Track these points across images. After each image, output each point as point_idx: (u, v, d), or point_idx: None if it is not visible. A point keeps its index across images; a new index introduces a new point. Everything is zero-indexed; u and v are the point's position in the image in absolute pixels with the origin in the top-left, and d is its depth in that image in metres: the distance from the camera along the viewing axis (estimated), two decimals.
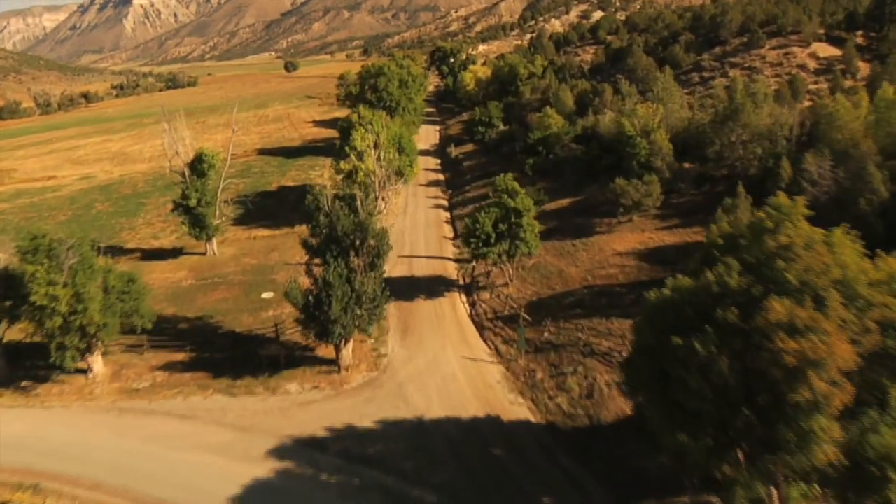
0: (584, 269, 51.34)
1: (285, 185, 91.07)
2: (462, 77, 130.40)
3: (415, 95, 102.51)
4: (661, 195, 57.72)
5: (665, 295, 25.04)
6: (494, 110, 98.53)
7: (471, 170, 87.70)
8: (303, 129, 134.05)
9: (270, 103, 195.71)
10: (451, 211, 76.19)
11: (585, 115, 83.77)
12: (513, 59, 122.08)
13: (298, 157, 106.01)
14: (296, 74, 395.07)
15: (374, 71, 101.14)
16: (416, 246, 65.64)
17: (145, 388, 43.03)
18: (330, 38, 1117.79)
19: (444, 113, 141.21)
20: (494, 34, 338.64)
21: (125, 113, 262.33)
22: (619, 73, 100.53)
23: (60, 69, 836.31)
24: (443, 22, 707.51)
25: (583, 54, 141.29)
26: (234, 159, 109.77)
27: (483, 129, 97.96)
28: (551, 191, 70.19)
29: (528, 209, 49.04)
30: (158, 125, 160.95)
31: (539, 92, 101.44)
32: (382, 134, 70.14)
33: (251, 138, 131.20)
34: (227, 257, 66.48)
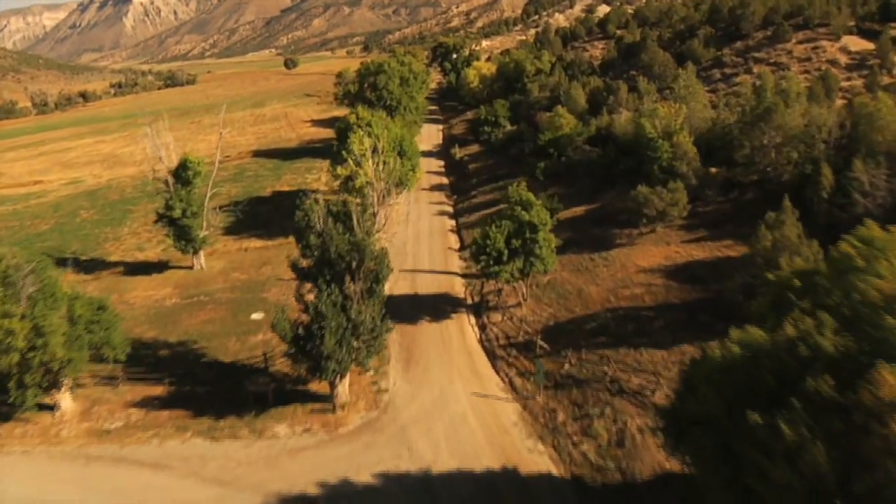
0: (605, 289, 46.48)
1: (280, 190, 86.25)
2: (465, 74, 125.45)
3: (416, 94, 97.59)
4: (687, 204, 52.77)
5: (732, 352, 20.14)
6: (501, 109, 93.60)
7: (477, 173, 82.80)
8: (300, 128, 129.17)
9: (268, 102, 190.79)
10: (456, 219, 71.33)
11: (599, 115, 78.90)
12: (519, 55, 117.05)
13: (295, 160, 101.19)
14: (295, 72, 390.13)
15: (374, 68, 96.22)
16: (420, 258, 60.83)
17: (118, 429, 38.33)
18: (330, 35, 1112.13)
19: (447, 111, 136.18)
20: (497, 29, 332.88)
21: (121, 112, 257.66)
22: (632, 69, 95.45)
23: (60, 68, 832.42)
24: (444, 17, 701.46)
25: (591, 49, 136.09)
26: (227, 162, 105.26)
27: (489, 129, 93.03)
28: (565, 197, 65.27)
29: (544, 223, 44.19)
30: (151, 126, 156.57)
31: (548, 90, 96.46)
32: (382, 137, 65.23)
33: (246, 139, 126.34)
34: (216, 272, 61.74)
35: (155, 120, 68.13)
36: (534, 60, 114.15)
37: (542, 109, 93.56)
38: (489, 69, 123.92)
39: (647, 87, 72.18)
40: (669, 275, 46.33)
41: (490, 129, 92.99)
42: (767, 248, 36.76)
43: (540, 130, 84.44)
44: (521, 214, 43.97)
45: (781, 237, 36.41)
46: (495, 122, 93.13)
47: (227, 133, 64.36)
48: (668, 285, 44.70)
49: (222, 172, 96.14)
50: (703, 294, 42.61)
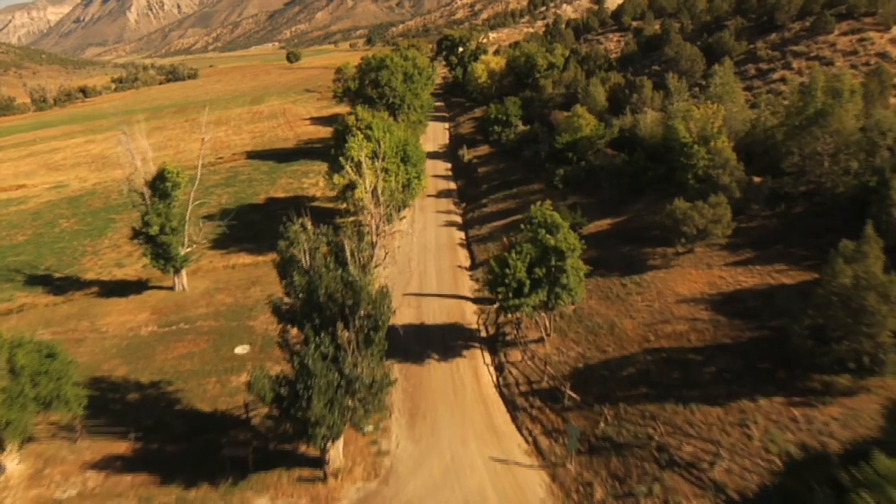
0: (641, 323, 40.12)
1: (275, 196, 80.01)
2: (473, 68, 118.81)
3: (421, 91, 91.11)
4: (731, 221, 46.26)
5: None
6: (512, 107, 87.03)
7: (487, 178, 76.35)
8: (299, 127, 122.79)
9: (267, 98, 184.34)
10: (465, 230, 64.93)
11: (621, 115, 72.35)
12: (530, 49, 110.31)
13: (292, 162, 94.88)
14: (297, 65, 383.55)
15: (375, 63, 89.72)
16: (426, 278, 54.54)
17: (70, 500, 32.23)
18: (333, 28, 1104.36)
19: (453, 108, 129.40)
20: (503, 21, 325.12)
21: (119, 108, 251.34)
22: (654, 63, 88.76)
23: (62, 63, 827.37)
24: (448, 10, 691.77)
25: (606, 42, 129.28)
26: (219, 164, 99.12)
27: (499, 128, 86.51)
28: (587, 208, 58.92)
29: (572, 248, 37.75)
30: (146, 123, 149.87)
31: (563, 86, 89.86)
32: (384, 141, 58.86)
33: (241, 138, 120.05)
34: (199, 293, 55.59)
35: (124, 122, 61.61)
36: (546, 54, 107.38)
37: (557, 108, 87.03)
38: (498, 63, 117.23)
39: (677, 84, 65.45)
40: (716, 306, 39.93)
41: (500, 128, 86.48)
42: (846, 285, 30.32)
43: (556, 131, 78.08)
44: (546, 239, 37.58)
45: (865, 273, 29.96)
46: (506, 122, 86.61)
47: (207, 139, 58.09)
48: (716, 320, 38.29)
49: (213, 176, 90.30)
50: (759, 333, 36.21)
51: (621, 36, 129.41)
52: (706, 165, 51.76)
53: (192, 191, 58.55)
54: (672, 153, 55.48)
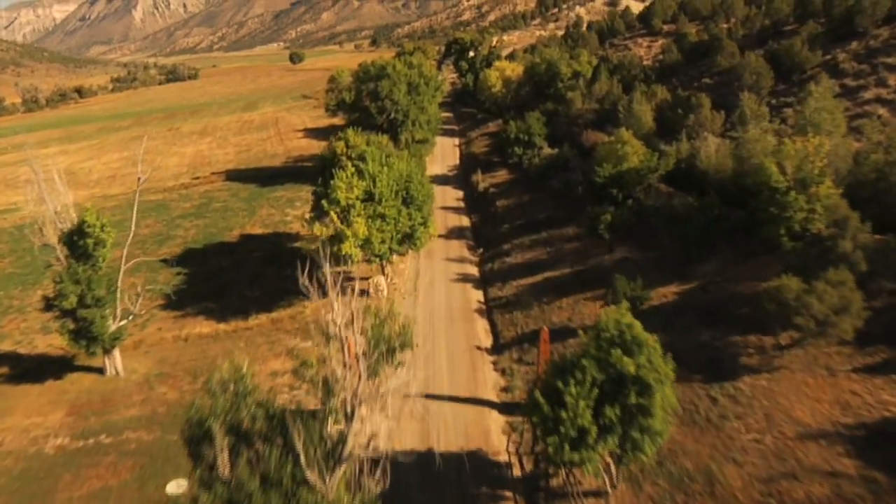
0: (753, 476, 26.95)
1: (251, 232, 66.72)
2: (486, 76, 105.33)
3: (428, 104, 77.68)
4: (862, 310, 32.73)
5: None
6: (535, 125, 73.59)
7: (508, 214, 62.85)
8: (290, 140, 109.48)
9: (261, 104, 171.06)
10: (484, 288, 51.45)
11: (674, 141, 58.97)
12: (551, 54, 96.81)
13: (277, 185, 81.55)
14: (300, 67, 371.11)
15: (375, 71, 76.34)
16: (436, 365, 41.04)
17: None
18: (339, 28, 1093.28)
19: (463, 120, 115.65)
20: (513, 23, 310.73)
21: (110, 111, 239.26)
22: (704, 75, 75.20)
23: (63, 61, 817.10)
24: (454, 11, 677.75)
25: (635, 48, 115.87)
26: (192, 187, 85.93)
27: (520, 150, 73.09)
28: (642, 267, 45.61)
29: (661, 378, 24.40)
30: (127, 131, 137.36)
31: (594, 100, 76.33)
32: (380, 178, 45.67)
33: (225, 153, 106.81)
34: (136, 381, 42.32)
35: (38, 156, 48.65)
36: (570, 61, 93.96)
37: (589, 126, 73.62)
38: (514, 70, 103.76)
39: (753, 105, 51.89)
40: (862, 449, 26.79)
41: (522, 150, 73.04)
42: None
43: (587, 153, 64.91)
44: (623, 364, 24.16)
45: None
46: (528, 142, 73.14)
47: (144, 179, 44.58)
48: (871, 479, 25.07)
49: (183, 203, 77.39)
50: None
51: (651, 41, 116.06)
52: (803, 217, 38.75)
53: (128, 239, 44.93)
54: (755, 198, 42.21)
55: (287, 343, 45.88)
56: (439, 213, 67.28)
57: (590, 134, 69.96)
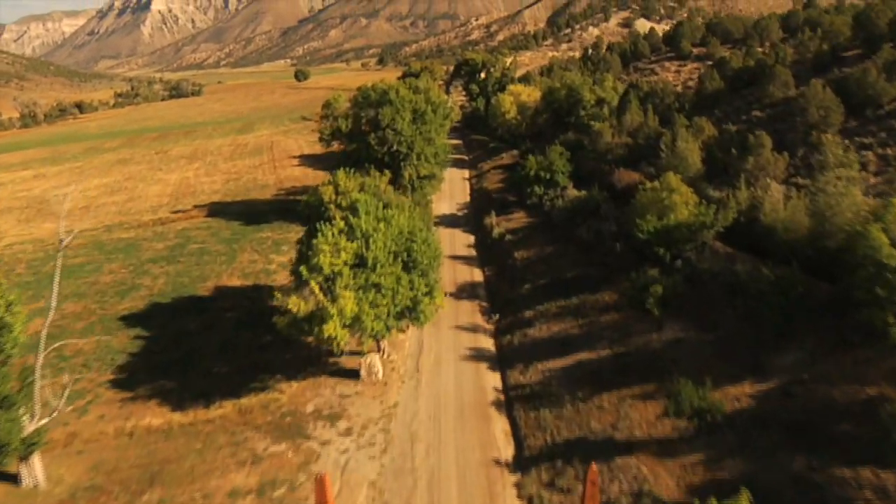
0: None
1: (228, 284, 57.07)
2: (499, 101, 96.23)
3: (436, 134, 68.27)
4: None
5: None
6: (558, 161, 64.15)
7: (529, 270, 53.07)
8: (283, 168, 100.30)
9: (257, 125, 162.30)
10: (502, 370, 41.59)
11: (722, 185, 49.55)
12: (572, 79, 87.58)
13: (263, 224, 71.98)
14: (304, 85, 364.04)
15: (376, 96, 66.98)
16: (440, 490, 31.16)
17: None
18: (346, 46, 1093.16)
19: (474, 148, 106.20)
20: (524, 44, 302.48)
21: (105, 129, 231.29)
22: (753, 106, 65.71)
23: (68, 75, 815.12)
24: (463, 30, 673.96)
25: (662, 72, 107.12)
26: (173, 221, 76.60)
27: (541, 189, 63.62)
28: (697, 351, 36.03)
29: None
30: (114, 153, 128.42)
31: (625, 133, 66.92)
32: (375, 238, 36.12)
33: (212, 181, 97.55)
34: (58, 498, 32.48)
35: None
36: (593, 87, 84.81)
37: (620, 164, 64.16)
38: (530, 95, 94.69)
39: (837, 149, 42.30)
40: None
41: (542, 189, 63.57)
42: None
43: (619, 196, 55.60)
44: None
45: None
46: (550, 180, 63.68)
47: (67, 242, 34.36)
48: None
49: (157, 244, 68.13)
50: None
51: (680, 65, 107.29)
52: None
53: (46, 321, 35.14)
54: (848, 271, 32.85)
55: (255, 446, 36.14)
56: (447, 263, 57.57)
57: (622, 174, 60.47)
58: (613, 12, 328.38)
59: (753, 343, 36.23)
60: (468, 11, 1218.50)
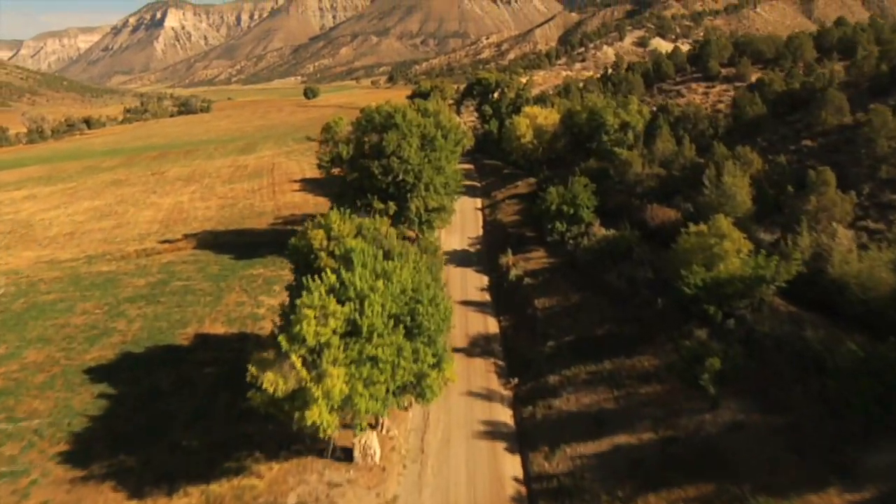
0: None
1: (210, 331, 50.59)
2: (514, 124, 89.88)
3: (446, 161, 61.78)
4: None
5: None
6: (583, 194, 57.59)
7: (552, 320, 46.27)
8: (283, 194, 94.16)
9: (261, 145, 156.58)
10: (523, 453, 34.74)
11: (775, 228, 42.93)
12: (594, 101, 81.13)
13: (255, 258, 65.63)
14: (313, 102, 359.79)
15: (380, 119, 60.61)
16: None
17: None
18: (357, 64, 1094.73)
19: (486, 174, 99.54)
20: (537, 63, 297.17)
21: (110, 145, 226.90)
22: (802, 135, 58.95)
23: (80, 90, 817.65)
24: (473, 49, 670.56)
25: (689, 94, 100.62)
26: (159, 254, 70.44)
27: (562, 225, 57.03)
28: (763, 440, 29.24)
29: None
30: (111, 173, 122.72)
31: (656, 163, 60.40)
32: (372, 300, 29.64)
33: (207, 206, 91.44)
34: None
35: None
36: (617, 109, 78.39)
37: (652, 198, 57.53)
38: (547, 118, 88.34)
39: None
40: None
41: (565, 226, 56.97)
42: None
43: (651, 235, 49.16)
44: None
45: None
46: (573, 215, 57.07)
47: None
48: None
49: (137, 279, 62.14)
50: None
51: (708, 86, 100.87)
52: None
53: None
54: None
55: None
56: (458, 310, 50.93)
57: (655, 210, 53.80)
58: (628, 31, 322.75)
59: (836, 434, 29.39)
60: (479, 30, 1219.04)
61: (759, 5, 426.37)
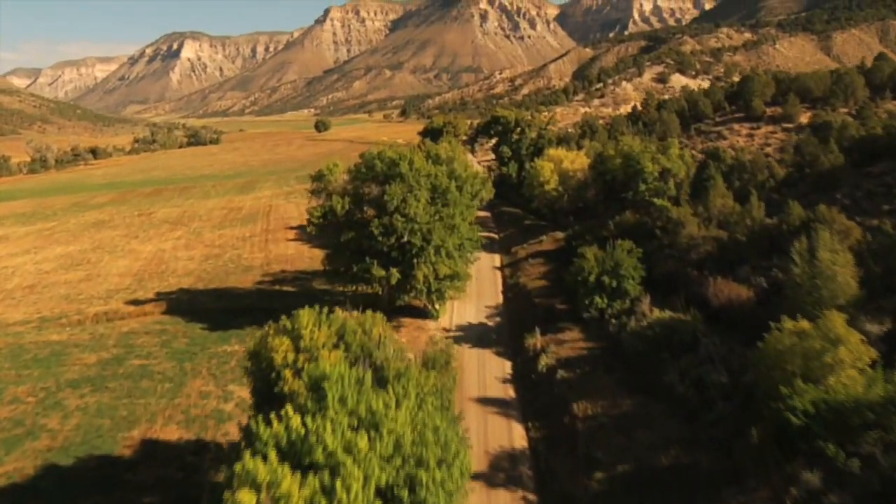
0: None
1: (159, 437, 40.06)
2: (537, 168, 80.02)
3: (461, 219, 51.65)
4: None
5: None
6: (628, 262, 47.13)
7: (598, 439, 35.39)
8: (276, 243, 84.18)
9: (261, 183, 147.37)
10: None
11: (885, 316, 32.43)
12: (630, 145, 71.03)
13: (233, 328, 55.13)
14: (323, 136, 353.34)
15: (383, 167, 50.43)
16: None
17: None
18: (370, 97, 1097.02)
19: (505, 224, 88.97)
20: (554, 99, 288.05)
21: (109, 178, 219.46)
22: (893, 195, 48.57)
23: (93, 119, 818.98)
24: (487, 83, 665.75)
25: (731, 136, 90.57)
26: (125, 318, 60.37)
27: (603, 300, 46.52)
28: None
29: None
30: (97, 211, 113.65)
31: (713, 223, 50.00)
32: (348, 473, 19.01)
33: (190, 256, 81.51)
34: None
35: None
36: (656, 154, 68.32)
37: (710, 266, 47.02)
38: (575, 162, 78.45)
39: None
40: None
41: (606, 301, 46.47)
42: None
43: (715, 317, 38.95)
44: None
45: None
46: (617, 287, 46.57)
47: None
48: None
49: (88, 355, 51.99)
50: None
51: (752, 128, 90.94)
52: None
53: None
54: None
55: None
56: (474, 410, 40.48)
57: (721, 285, 43.23)
58: (647, 67, 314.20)
59: None
60: (492, 65, 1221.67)
61: (778, 42, 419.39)
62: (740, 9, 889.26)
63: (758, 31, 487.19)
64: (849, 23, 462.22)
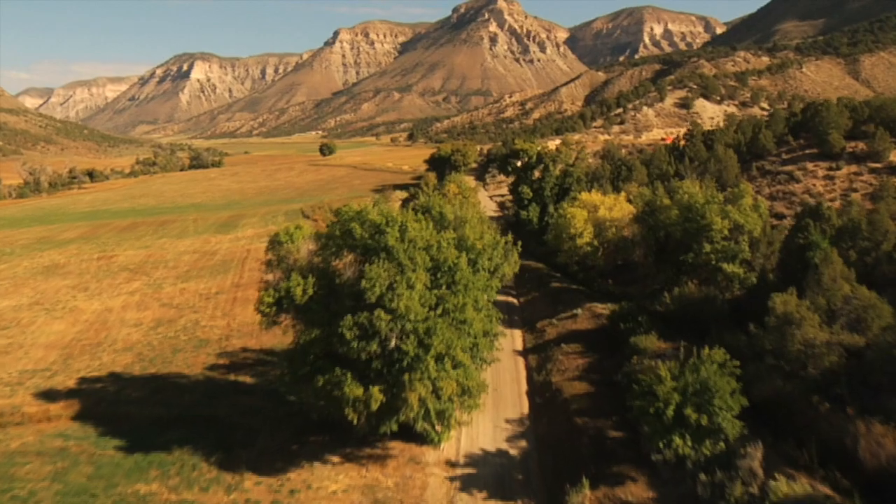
0: None
1: None
2: (567, 218, 65.00)
3: (474, 310, 36.47)
4: None
5: None
6: (720, 383, 31.52)
7: None
8: (244, 305, 67.80)
9: (247, 218, 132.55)
10: None
11: None
12: (690, 192, 55.74)
13: (157, 450, 39.22)
14: (327, 161, 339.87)
15: (364, 234, 35.20)
16: None
17: None
18: (378, 119, 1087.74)
19: (525, 283, 69.98)
20: (571, 125, 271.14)
21: (94, 206, 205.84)
22: None
23: (98, 139, 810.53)
24: (496, 107, 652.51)
25: (806, 179, 75.38)
26: (20, 425, 45.30)
27: (684, 441, 31.00)
28: None
29: None
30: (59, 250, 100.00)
31: (839, 320, 34.58)
32: None
33: (139, 320, 66.43)
34: None
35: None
36: (725, 207, 53.22)
37: (841, 394, 31.52)
38: (613, 210, 63.47)
39: None
40: None
41: (689, 442, 31.01)
42: None
43: (877, 492, 23.27)
44: None
45: None
46: (703, 429, 31.10)
47: None
48: None
49: None
50: None
51: (830, 168, 75.77)
52: None
53: None
54: None
55: None
56: None
57: (876, 434, 27.80)
58: (668, 91, 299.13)
59: None
60: (501, 88, 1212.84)
61: (805, 65, 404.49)
62: (753, 33, 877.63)
63: (775, 55, 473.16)
64: (876, 45, 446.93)
